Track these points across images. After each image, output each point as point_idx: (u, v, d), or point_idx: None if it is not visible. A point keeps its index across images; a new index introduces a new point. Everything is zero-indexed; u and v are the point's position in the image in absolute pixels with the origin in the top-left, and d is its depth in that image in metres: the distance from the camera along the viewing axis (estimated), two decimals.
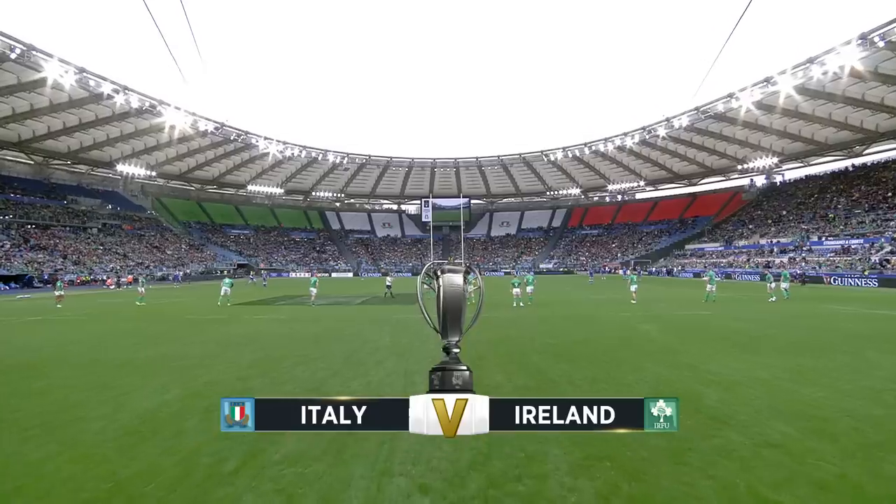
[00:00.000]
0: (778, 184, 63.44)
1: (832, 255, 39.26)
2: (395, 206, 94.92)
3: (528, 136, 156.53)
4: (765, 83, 41.57)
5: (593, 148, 66.39)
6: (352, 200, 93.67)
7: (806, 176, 60.90)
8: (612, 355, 8.64)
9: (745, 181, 66.28)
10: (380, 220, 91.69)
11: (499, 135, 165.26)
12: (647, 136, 60.18)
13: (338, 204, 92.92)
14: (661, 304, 18.67)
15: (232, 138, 58.98)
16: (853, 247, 38.36)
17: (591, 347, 9.46)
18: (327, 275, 68.37)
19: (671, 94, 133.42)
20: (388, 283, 24.97)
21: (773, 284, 19.46)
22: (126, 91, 42.02)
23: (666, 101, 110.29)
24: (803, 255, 42.43)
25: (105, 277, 40.30)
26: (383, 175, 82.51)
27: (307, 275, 64.95)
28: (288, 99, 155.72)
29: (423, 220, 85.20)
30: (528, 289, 18.76)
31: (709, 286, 19.09)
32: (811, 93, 41.81)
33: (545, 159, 72.80)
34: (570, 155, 69.31)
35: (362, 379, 7.15)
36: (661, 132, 57.31)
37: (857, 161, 54.87)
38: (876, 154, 53.67)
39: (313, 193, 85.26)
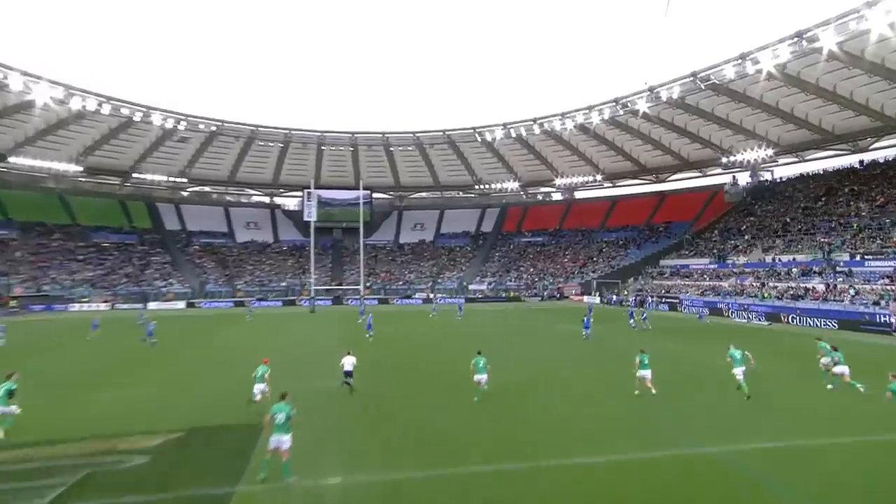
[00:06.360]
0: (767, 183, 50.47)
1: (886, 281, 25.70)
2: (266, 199, 68.89)
3: (457, 113, 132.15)
4: (796, 39, 30.25)
5: (545, 126, 48.41)
6: (205, 189, 66.27)
7: (801, 174, 48.61)
8: None
9: (724, 179, 52.62)
10: (242, 219, 64.63)
11: (417, 108, 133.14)
12: (621, 111, 43.67)
13: (185, 193, 64.89)
14: None
15: None
16: None
17: None
18: (142, 306, 40.77)
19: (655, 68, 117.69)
20: (346, 369, 11.91)
21: None
22: None
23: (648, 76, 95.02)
24: (839, 278, 28.49)
25: None
26: (246, 152, 57.42)
27: (104, 306, 37.49)
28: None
29: (305, 218, 59.32)
30: (479, 378, 10.67)
31: (825, 359, 11.90)
32: (846, 58, 30.58)
33: (478, 139, 53.37)
34: (514, 134, 50.68)
35: None
36: (642, 106, 40.98)
37: (860, 157, 44.78)
38: (883, 150, 43.32)
39: (135, 175, 56.56)
